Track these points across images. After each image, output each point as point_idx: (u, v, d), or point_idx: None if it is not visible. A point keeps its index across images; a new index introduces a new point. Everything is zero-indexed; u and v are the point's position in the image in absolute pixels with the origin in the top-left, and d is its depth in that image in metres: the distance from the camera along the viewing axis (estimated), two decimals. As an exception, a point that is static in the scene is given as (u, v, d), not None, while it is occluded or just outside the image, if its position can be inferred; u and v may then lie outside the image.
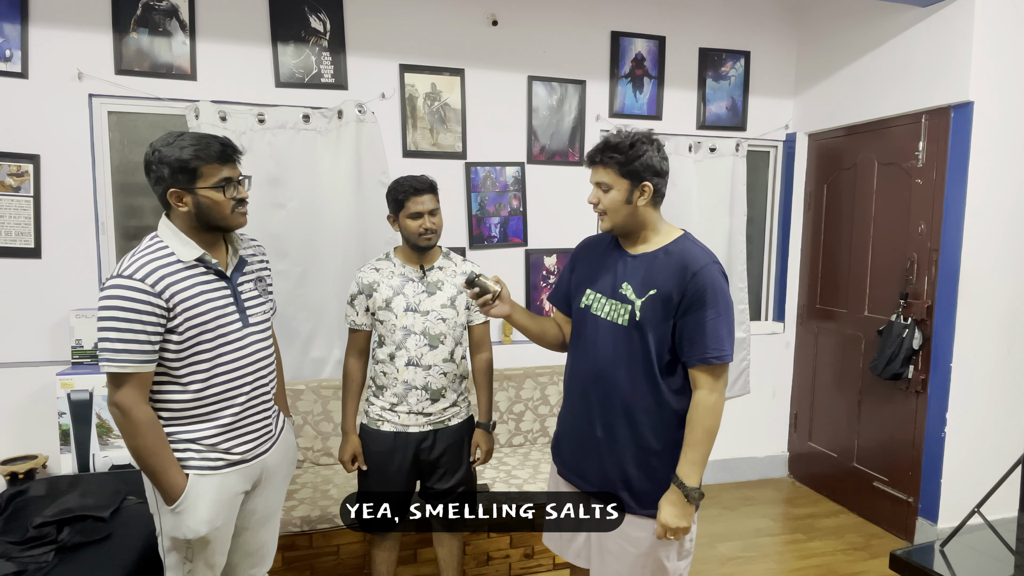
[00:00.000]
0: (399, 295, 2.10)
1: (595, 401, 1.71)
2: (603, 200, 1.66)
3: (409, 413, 2.11)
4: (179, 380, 1.59)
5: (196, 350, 1.58)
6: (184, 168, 1.54)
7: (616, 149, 1.63)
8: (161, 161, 1.55)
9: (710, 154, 3.58)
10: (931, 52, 2.97)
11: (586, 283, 1.77)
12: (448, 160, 3.24)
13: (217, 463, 1.64)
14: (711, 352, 1.57)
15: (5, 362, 2.75)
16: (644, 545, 1.66)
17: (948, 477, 2.99)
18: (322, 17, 3.01)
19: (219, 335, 1.61)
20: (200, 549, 1.64)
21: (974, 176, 2.86)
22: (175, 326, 1.54)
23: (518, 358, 3.34)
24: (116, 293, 1.48)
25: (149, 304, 1.49)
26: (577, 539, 1.82)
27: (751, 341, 3.79)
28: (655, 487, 1.65)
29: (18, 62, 2.67)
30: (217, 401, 1.63)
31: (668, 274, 1.61)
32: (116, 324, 1.47)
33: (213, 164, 1.57)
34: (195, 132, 1.63)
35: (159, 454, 1.54)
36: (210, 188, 1.57)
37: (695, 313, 1.57)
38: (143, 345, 1.49)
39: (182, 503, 1.58)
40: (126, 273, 1.50)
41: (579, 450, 1.77)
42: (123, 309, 1.47)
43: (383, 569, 2.26)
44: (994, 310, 2.96)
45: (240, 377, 1.67)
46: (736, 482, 3.89)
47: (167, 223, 1.61)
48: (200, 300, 1.58)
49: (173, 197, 1.57)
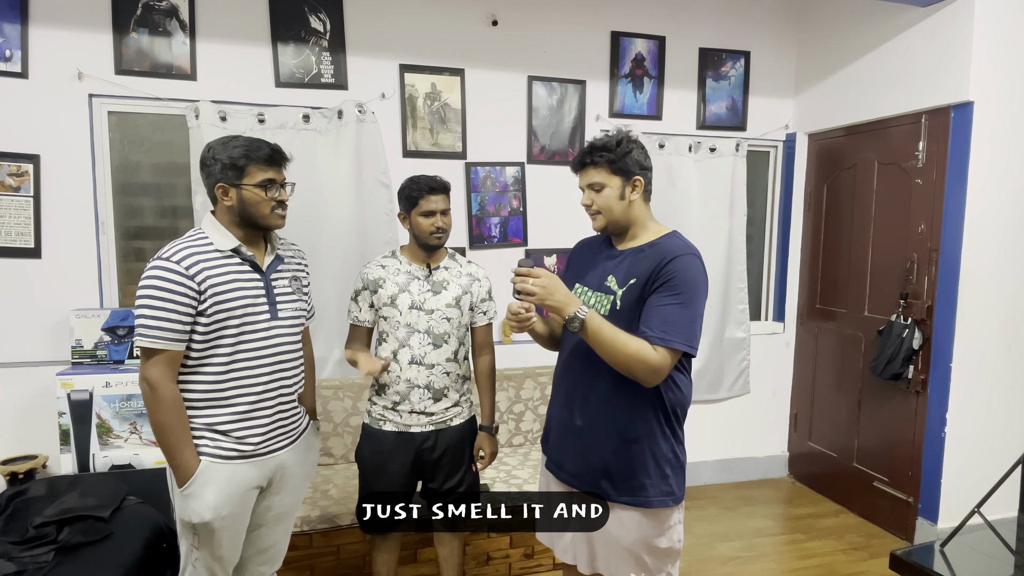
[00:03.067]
0: (404, 292, 2.10)
1: (576, 390, 1.74)
2: (596, 200, 1.69)
3: (411, 412, 2.11)
4: (202, 363, 1.66)
5: (220, 334, 1.65)
6: (233, 165, 1.67)
7: (604, 148, 1.67)
8: (214, 158, 1.68)
9: (710, 154, 3.58)
10: (931, 52, 2.97)
11: (577, 279, 1.81)
12: (448, 160, 3.24)
13: (230, 452, 1.69)
14: (654, 332, 1.55)
15: (5, 362, 2.74)
16: (628, 539, 1.69)
17: (948, 477, 2.99)
18: (322, 17, 3.01)
19: (244, 322, 1.68)
20: (206, 537, 1.68)
21: (974, 176, 2.85)
22: (204, 309, 1.62)
23: (518, 358, 3.34)
24: (153, 273, 1.59)
25: (183, 285, 1.59)
26: (564, 536, 1.84)
27: (751, 341, 3.79)
28: (634, 474, 1.67)
29: (18, 62, 2.67)
30: (235, 387, 1.69)
31: (647, 263, 1.63)
32: (151, 302, 1.57)
33: (260, 164, 1.69)
34: (250, 136, 1.75)
35: (177, 433, 1.62)
36: (254, 186, 1.68)
37: (656, 295, 1.59)
38: (174, 324, 1.59)
39: (191, 486, 1.63)
40: (164, 256, 1.61)
41: (561, 440, 1.80)
42: (158, 288, 1.58)
43: (383, 569, 2.26)
44: (994, 310, 2.96)
45: (260, 367, 1.72)
46: (736, 482, 3.89)
47: (211, 217, 1.73)
48: (231, 287, 1.66)
49: (219, 191, 1.69)
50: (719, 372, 3.73)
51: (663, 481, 1.68)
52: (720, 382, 3.74)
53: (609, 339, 1.54)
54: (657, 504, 1.67)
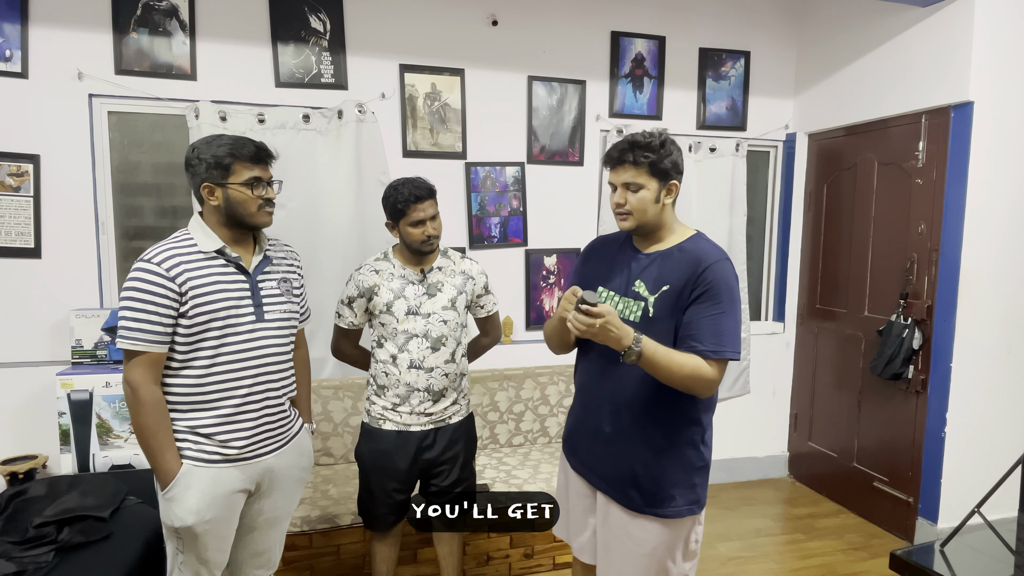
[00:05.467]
0: (400, 298, 2.09)
1: (605, 398, 1.70)
2: (631, 200, 1.63)
3: (411, 413, 2.11)
4: (184, 365, 1.65)
5: (202, 336, 1.64)
6: (219, 164, 1.65)
7: (648, 148, 1.61)
8: (199, 157, 1.66)
9: (710, 154, 3.58)
10: (931, 52, 2.97)
11: (599, 281, 1.76)
12: (448, 160, 3.24)
13: (213, 456, 1.67)
14: (707, 346, 1.56)
15: (5, 362, 2.74)
16: (648, 546, 1.66)
17: (948, 477, 2.99)
18: (322, 17, 3.01)
19: (227, 324, 1.66)
20: (190, 541, 1.66)
21: (974, 176, 2.85)
22: (186, 311, 1.61)
23: (518, 358, 3.34)
24: (135, 275, 1.59)
25: (163, 287, 1.58)
26: (583, 535, 1.82)
27: (751, 341, 3.79)
28: (662, 486, 1.65)
29: (18, 62, 2.67)
30: (217, 390, 1.67)
31: (681, 270, 1.60)
32: (132, 303, 1.57)
33: (245, 163, 1.67)
34: (234, 135, 1.72)
35: (158, 436, 1.61)
36: (240, 184, 1.66)
37: (699, 306, 1.57)
38: (155, 326, 1.58)
39: (172, 489, 1.63)
40: (146, 258, 1.61)
41: (589, 446, 1.77)
42: (139, 290, 1.57)
43: (383, 568, 2.26)
44: (994, 310, 2.96)
45: (243, 369, 1.69)
46: (736, 482, 3.89)
47: (197, 218, 1.71)
48: (213, 288, 1.64)
49: (205, 191, 1.67)
50: (719, 372, 3.72)
51: (691, 491, 1.67)
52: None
53: (665, 363, 1.51)
54: (685, 514, 1.67)
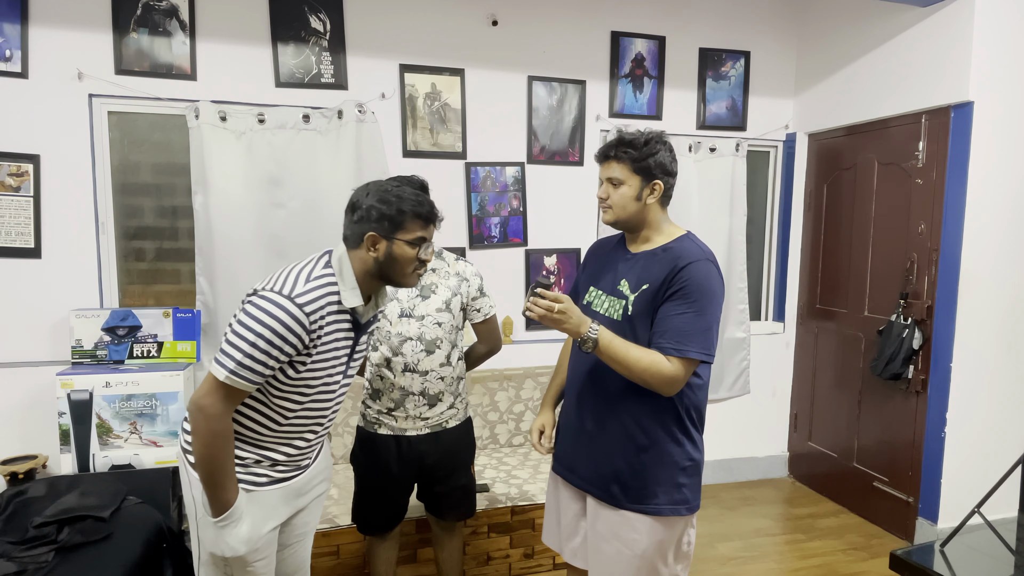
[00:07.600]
0: (393, 300, 2.08)
1: (587, 395, 1.73)
2: (612, 195, 1.67)
3: (407, 418, 2.09)
4: (267, 406, 1.57)
5: (299, 389, 1.56)
6: (393, 217, 1.55)
7: (631, 145, 1.64)
8: (374, 205, 1.55)
9: (710, 154, 3.58)
10: (931, 52, 2.97)
11: (591, 281, 1.80)
12: (448, 160, 3.24)
13: (261, 478, 1.62)
14: (668, 343, 1.55)
15: (5, 362, 2.75)
16: (639, 547, 1.66)
17: (948, 477, 2.99)
18: (322, 17, 3.01)
19: (323, 383, 1.60)
20: (240, 570, 1.61)
21: (974, 176, 2.85)
22: (301, 359, 1.52)
23: (518, 358, 3.34)
24: (278, 314, 1.43)
25: (298, 337, 1.46)
26: (574, 539, 1.82)
27: (751, 341, 3.79)
28: (645, 481, 1.65)
29: (18, 62, 2.67)
30: (295, 433, 1.63)
31: (660, 269, 1.62)
32: (260, 342, 1.43)
33: (419, 221, 1.58)
34: (411, 189, 1.62)
35: (225, 467, 1.52)
36: (407, 242, 1.57)
37: (670, 303, 1.58)
38: (266, 368, 1.46)
39: (227, 518, 1.54)
40: (292, 296, 1.46)
41: (571, 444, 1.78)
42: (274, 331, 1.43)
43: (383, 569, 2.26)
44: (994, 310, 2.96)
45: (318, 419, 1.66)
46: (736, 482, 3.89)
47: (347, 262, 1.58)
48: (331, 348, 1.57)
49: (369, 240, 1.56)
50: (719, 372, 3.72)
51: (676, 490, 1.66)
52: (720, 382, 3.74)
53: (622, 356, 1.53)
54: (668, 513, 1.65)
